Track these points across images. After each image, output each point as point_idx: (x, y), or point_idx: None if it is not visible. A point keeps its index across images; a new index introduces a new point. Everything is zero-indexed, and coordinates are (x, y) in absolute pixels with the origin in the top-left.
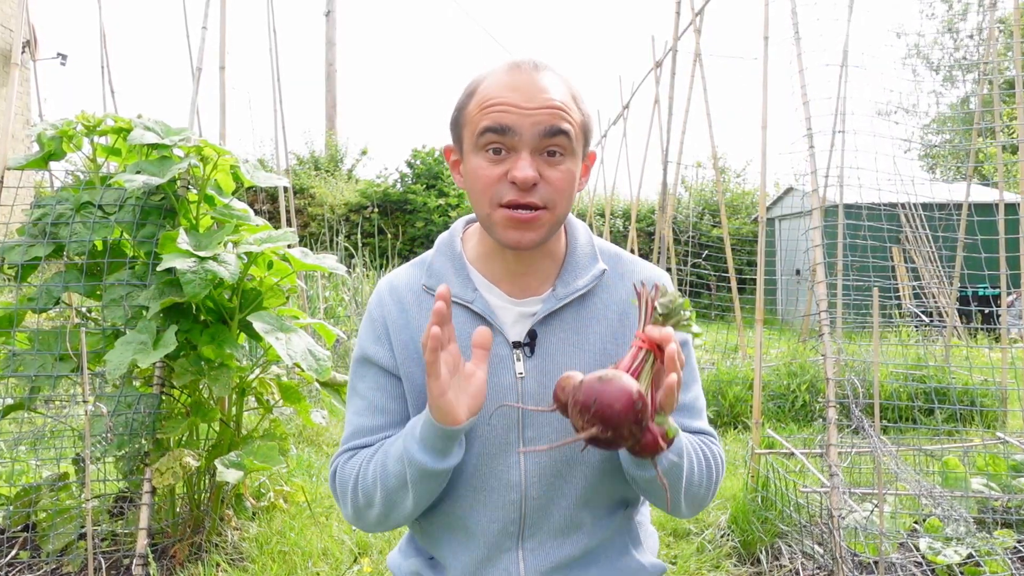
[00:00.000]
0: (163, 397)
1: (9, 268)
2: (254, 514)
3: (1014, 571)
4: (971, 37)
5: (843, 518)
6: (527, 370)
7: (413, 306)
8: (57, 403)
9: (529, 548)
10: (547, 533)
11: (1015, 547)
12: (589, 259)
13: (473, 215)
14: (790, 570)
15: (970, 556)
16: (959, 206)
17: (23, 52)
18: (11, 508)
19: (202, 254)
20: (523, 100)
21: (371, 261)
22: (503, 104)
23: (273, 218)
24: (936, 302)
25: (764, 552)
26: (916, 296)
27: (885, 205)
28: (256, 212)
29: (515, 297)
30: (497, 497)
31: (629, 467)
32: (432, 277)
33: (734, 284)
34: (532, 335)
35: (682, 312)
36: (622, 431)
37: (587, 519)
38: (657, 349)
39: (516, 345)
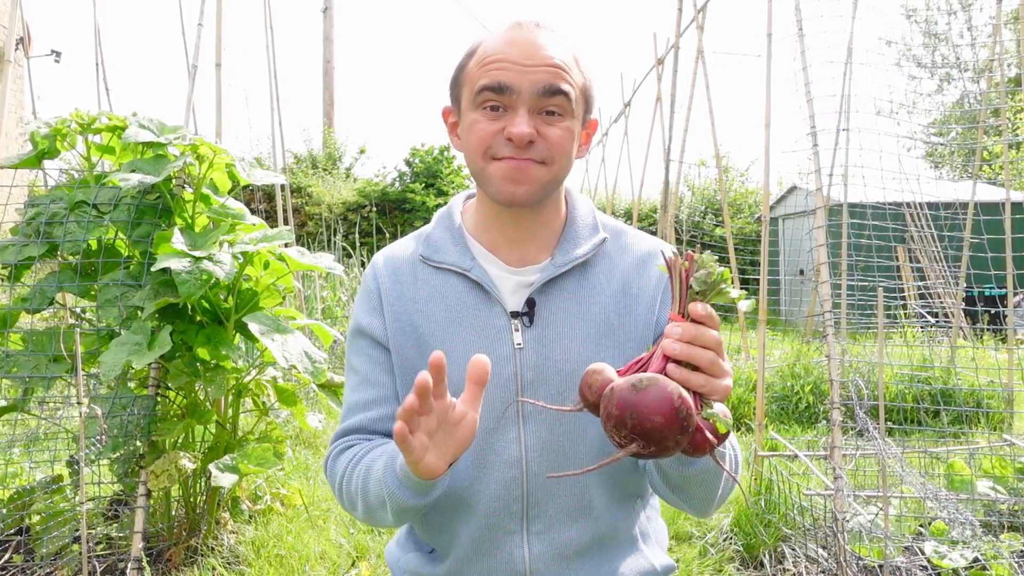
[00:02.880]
0: (158, 399)
1: (3, 268)
2: (251, 517)
3: (1021, 575)
4: (961, 36)
5: (847, 521)
6: (526, 340)
7: (408, 276)
8: (51, 405)
9: (535, 531)
10: (554, 515)
11: (1022, 550)
12: (590, 229)
13: (472, 191)
14: (794, 574)
15: (976, 560)
16: (965, 205)
17: (17, 49)
18: (4, 511)
19: (197, 254)
20: (522, 57)
21: (369, 261)
22: (502, 61)
23: (270, 217)
24: (942, 302)
25: (767, 556)
26: (921, 296)
27: (890, 204)
28: (252, 211)
29: (513, 266)
30: (498, 474)
31: (668, 466)
32: (430, 247)
33: (737, 284)
34: (531, 304)
35: (721, 285)
36: (666, 443)
37: (595, 501)
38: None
39: (515, 315)
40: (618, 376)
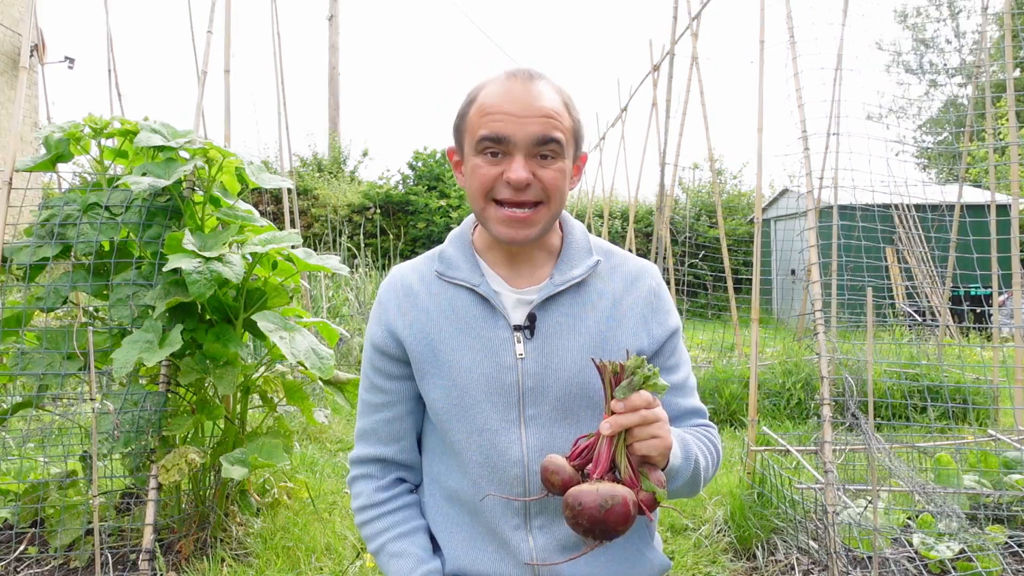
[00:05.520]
0: (169, 395)
1: (17, 268)
2: (258, 510)
3: (1005, 566)
4: (948, 42)
5: (837, 514)
6: (527, 351)
7: (421, 288)
8: (65, 401)
9: (537, 526)
10: (554, 511)
11: (1006, 542)
12: (584, 252)
13: None
14: (785, 565)
15: (962, 551)
16: (952, 207)
17: (31, 56)
18: (20, 504)
19: (207, 255)
20: (518, 109)
21: (373, 261)
22: (500, 113)
23: (277, 219)
24: (929, 302)
25: (760, 547)
26: (909, 296)
27: (879, 206)
28: (261, 213)
29: (516, 286)
30: (501, 473)
31: None
32: (444, 263)
33: (730, 284)
34: (532, 318)
35: (645, 382)
36: (621, 534)
37: None
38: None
39: (517, 328)
40: (568, 464)
